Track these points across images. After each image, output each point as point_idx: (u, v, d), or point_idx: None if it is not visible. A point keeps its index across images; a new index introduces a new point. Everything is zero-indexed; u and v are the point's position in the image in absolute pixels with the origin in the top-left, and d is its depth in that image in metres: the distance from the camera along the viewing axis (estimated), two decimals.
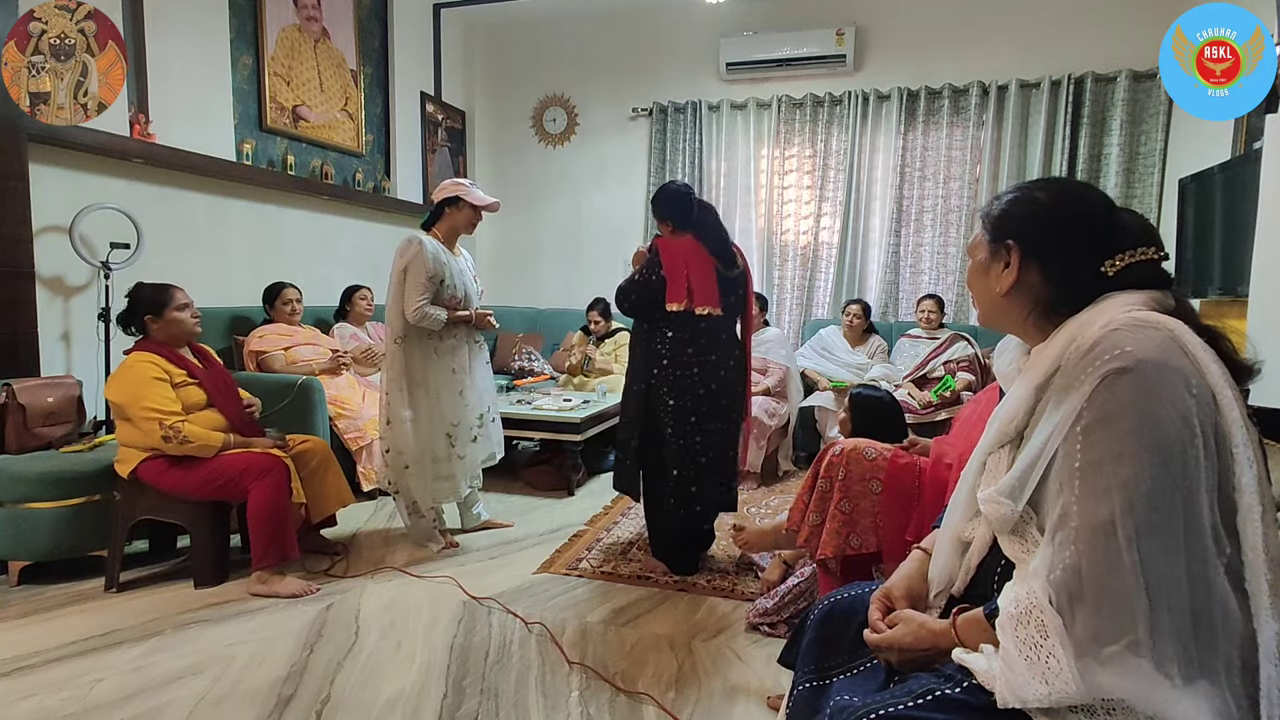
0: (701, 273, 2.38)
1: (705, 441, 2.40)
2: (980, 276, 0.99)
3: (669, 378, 2.39)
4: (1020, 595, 0.80)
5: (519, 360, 4.42)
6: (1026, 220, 0.94)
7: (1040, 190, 0.96)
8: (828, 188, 4.79)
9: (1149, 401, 0.75)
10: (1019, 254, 0.93)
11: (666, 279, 2.37)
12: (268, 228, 3.74)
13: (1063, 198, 0.95)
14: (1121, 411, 0.76)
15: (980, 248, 0.99)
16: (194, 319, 2.40)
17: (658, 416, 2.42)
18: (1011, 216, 0.95)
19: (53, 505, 2.31)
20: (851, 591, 1.13)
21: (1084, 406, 0.79)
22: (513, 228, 5.44)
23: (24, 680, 1.77)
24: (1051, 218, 0.93)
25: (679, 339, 2.39)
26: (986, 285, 0.97)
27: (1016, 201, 0.96)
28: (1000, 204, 0.98)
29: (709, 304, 2.37)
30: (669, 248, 2.41)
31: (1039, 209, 0.94)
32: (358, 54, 4.30)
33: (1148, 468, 0.74)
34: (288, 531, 2.30)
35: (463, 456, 2.71)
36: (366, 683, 1.78)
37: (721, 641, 2.02)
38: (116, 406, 2.26)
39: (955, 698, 0.83)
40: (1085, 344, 0.82)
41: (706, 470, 2.42)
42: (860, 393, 2.14)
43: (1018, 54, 4.37)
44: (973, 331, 4.25)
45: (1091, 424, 0.78)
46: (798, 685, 1.09)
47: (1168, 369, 0.76)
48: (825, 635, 1.09)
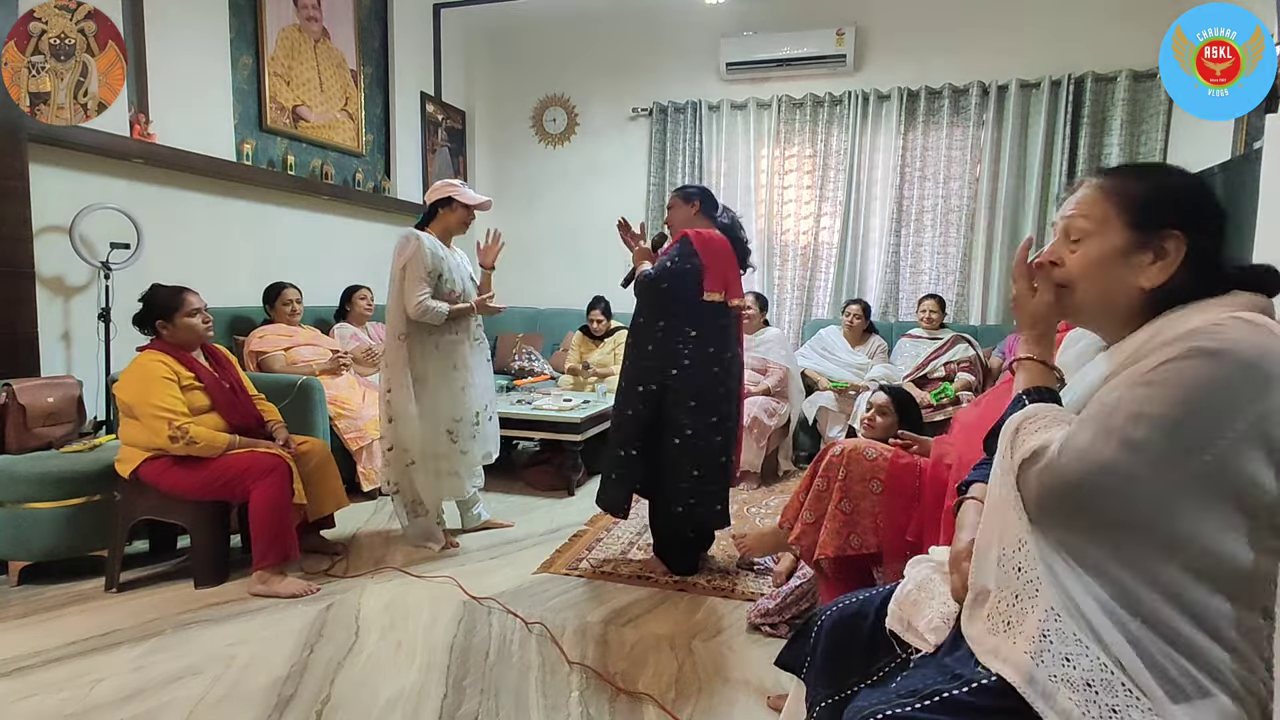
0: (731, 266, 2.41)
1: (725, 441, 2.42)
2: (1110, 267, 0.86)
3: (691, 376, 2.36)
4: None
5: (519, 360, 4.42)
6: (1189, 206, 0.85)
7: (1180, 176, 0.88)
8: (828, 188, 4.78)
9: (1212, 390, 0.74)
10: (1185, 246, 0.83)
11: (705, 267, 2.32)
12: (268, 228, 3.74)
13: (1205, 187, 0.87)
14: (1178, 383, 0.75)
15: (1109, 231, 0.87)
16: (205, 324, 2.42)
17: (675, 418, 2.37)
18: (1169, 203, 0.85)
19: (53, 505, 2.31)
20: (857, 596, 1.12)
21: (1152, 365, 0.78)
22: (513, 228, 5.40)
23: (24, 680, 1.77)
24: (1208, 205, 0.86)
25: (702, 337, 2.36)
26: (1122, 276, 0.86)
27: (1169, 186, 0.87)
28: (1148, 184, 0.87)
29: (739, 297, 2.42)
30: (703, 239, 2.36)
31: (1196, 194, 0.86)
32: (358, 54, 4.30)
33: (1159, 442, 0.74)
34: (289, 532, 2.30)
35: (465, 452, 2.73)
36: (366, 683, 1.78)
37: (721, 641, 2.02)
38: (125, 405, 2.27)
39: (962, 700, 0.83)
40: (1180, 330, 0.79)
41: (723, 469, 2.44)
42: (897, 388, 2.17)
43: (1018, 54, 4.37)
44: (973, 331, 4.26)
45: (1143, 380, 0.77)
46: (817, 705, 1.07)
47: (1256, 370, 0.73)
48: (835, 643, 1.08)
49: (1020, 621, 0.86)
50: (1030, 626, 0.84)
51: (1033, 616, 0.85)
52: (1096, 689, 0.78)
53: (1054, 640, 0.82)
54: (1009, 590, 0.88)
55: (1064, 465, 0.79)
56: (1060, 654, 0.81)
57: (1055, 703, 0.79)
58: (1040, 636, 0.83)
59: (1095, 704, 0.78)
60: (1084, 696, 0.78)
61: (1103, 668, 0.79)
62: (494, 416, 2.90)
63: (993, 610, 0.89)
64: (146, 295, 2.39)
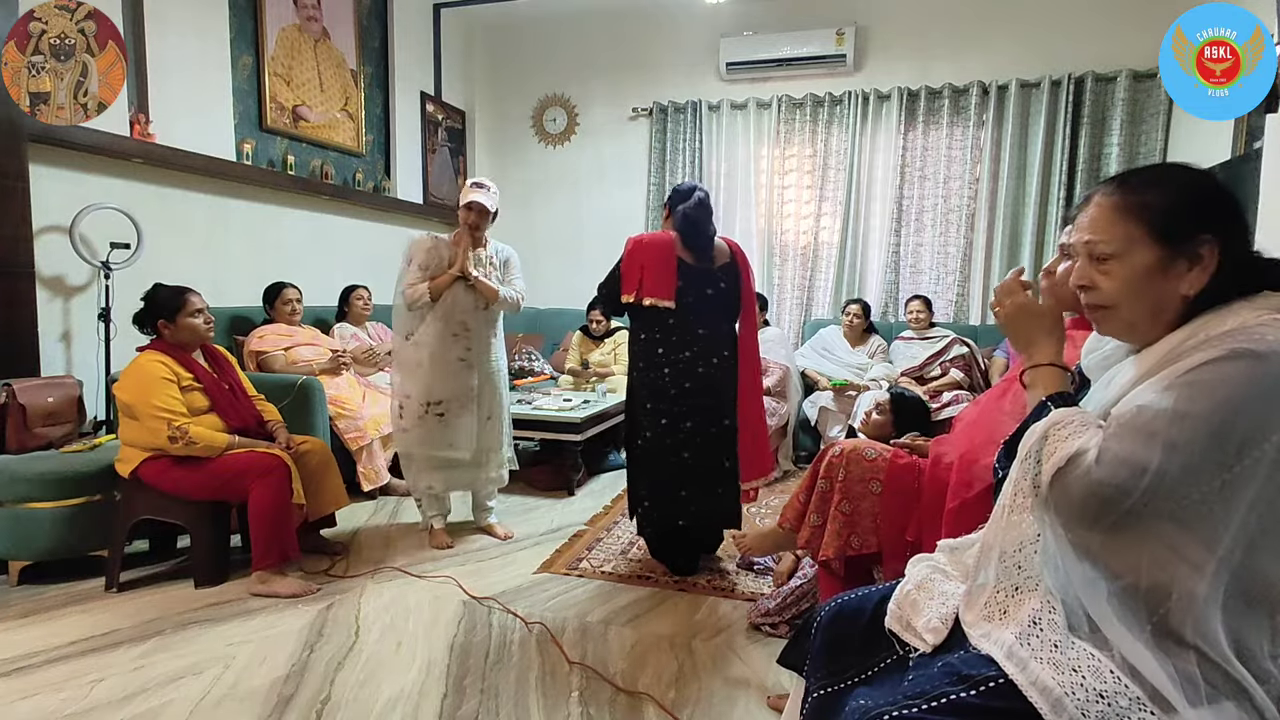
0: (659, 265, 2.34)
1: (676, 444, 2.36)
2: (1148, 281, 0.84)
3: (645, 380, 2.41)
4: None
5: (519, 360, 4.42)
6: (1213, 208, 0.84)
7: (1201, 175, 0.86)
8: (828, 188, 4.78)
9: (1259, 392, 0.73)
10: (1219, 249, 0.82)
11: (622, 272, 2.38)
12: (268, 228, 3.74)
13: (1215, 181, 0.86)
14: (1223, 383, 0.74)
15: (1140, 247, 0.85)
16: (206, 325, 2.42)
17: (637, 420, 2.45)
18: (1192, 205, 0.84)
19: (53, 505, 2.31)
20: (858, 592, 1.12)
21: (1193, 365, 0.76)
22: (512, 228, 5.42)
23: (24, 680, 1.77)
24: (1228, 201, 0.85)
25: (650, 339, 2.39)
26: (1164, 289, 0.84)
27: (1184, 189, 0.85)
28: (1166, 192, 0.85)
29: (657, 295, 2.32)
30: (634, 242, 2.41)
31: (1214, 193, 0.85)
32: (358, 54, 4.30)
33: (1204, 443, 0.73)
34: (288, 532, 2.30)
35: (452, 444, 2.73)
36: (366, 683, 1.78)
37: (721, 641, 2.02)
38: (125, 405, 2.27)
39: (970, 702, 0.83)
40: (1217, 331, 0.78)
41: (686, 474, 2.37)
42: (901, 393, 2.16)
43: (1018, 54, 4.37)
44: (972, 331, 4.27)
45: (1184, 381, 0.76)
46: (812, 693, 1.08)
47: None
48: (834, 637, 1.08)
49: (1016, 610, 0.89)
50: (1024, 614, 0.87)
51: (1028, 606, 0.88)
52: (1084, 675, 0.79)
53: (1044, 628, 0.84)
54: (1009, 583, 0.91)
55: (1106, 471, 0.77)
56: (1049, 640, 0.83)
57: (1029, 671, 0.81)
58: (1031, 623, 0.85)
59: (1083, 688, 0.78)
60: (1071, 680, 0.79)
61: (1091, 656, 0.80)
62: (506, 430, 2.91)
63: (990, 599, 0.92)
64: (148, 294, 2.39)
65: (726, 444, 2.43)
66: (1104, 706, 0.77)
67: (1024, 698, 0.80)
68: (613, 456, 4.00)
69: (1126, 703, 0.77)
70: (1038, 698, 0.79)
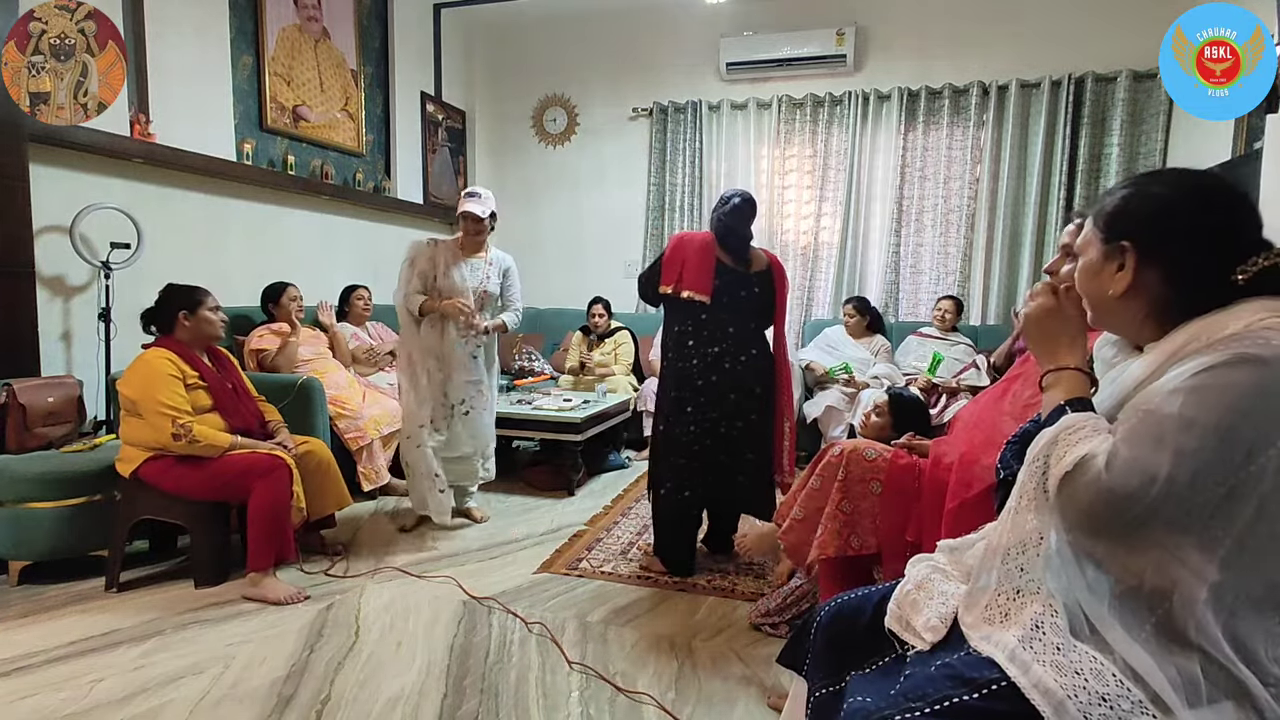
0: (699, 261, 2.42)
1: (700, 432, 2.41)
2: (1091, 277, 0.92)
3: (674, 369, 2.48)
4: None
5: (519, 360, 4.42)
6: (1145, 220, 0.87)
7: (1160, 184, 0.89)
8: (828, 188, 4.78)
9: (1264, 398, 0.73)
10: (1135, 256, 0.86)
11: (663, 265, 2.46)
12: (268, 228, 3.74)
13: (1187, 196, 0.86)
14: (1229, 388, 0.74)
15: (1091, 246, 0.92)
16: (221, 323, 2.47)
17: (664, 406, 2.52)
18: (1127, 214, 0.89)
19: (53, 505, 2.31)
20: (858, 592, 1.12)
21: (1198, 370, 0.76)
22: (513, 228, 5.42)
23: (24, 680, 1.77)
24: (1174, 218, 0.86)
25: (682, 332, 2.46)
26: (1098, 286, 0.91)
27: (1133, 198, 0.89)
28: (1114, 200, 0.91)
29: (695, 289, 2.40)
30: (678, 238, 2.52)
31: (1159, 207, 0.87)
32: (358, 54, 4.30)
33: (1213, 449, 0.73)
34: (286, 533, 2.30)
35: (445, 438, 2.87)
36: (366, 683, 1.78)
37: (721, 641, 2.02)
38: (128, 401, 2.27)
39: (972, 705, 0.83)
40: (1221, 335, 0.78)
41: (702, 462, 2.41)
42: (899, 393, 2.16)
43: (1018, 54, 4.37)
44: (973, 331, 4.28)
45: (1189, 386, 0.76)
46: (814, 693, 1.08)
47: None
48: (835, 635, 1.08)
49: (1017, 613, 0.88)
50: (1025, 617, 0.87)
51: (1030, 609, 0.87)
52: (1086, 678, 0.79)
53: (1047, 631, 0.84)
54: (1010, 585, 0.91)
55: (1116, 477, 0.76)
56: (1051, 643, 0.83)
57: (1032, 674, 0.80)
58: (1033, 626, 0.85)
59: (1086, 691, 0.78)
60: (1074, 683, 0.79)
61: (1093, 659, 0.80)
62: (484, 421, 2.96)
63: (991, 602, 0.92)
64: (166, 290, 2.42)
65: (749, 438, 2.47)
66: (1106, 709, 0.77)
67: (1026, 700, 0.80)
68: (613, 457, 4.00)
69: (1129, 706, 0.76)
70: (1040, 701, 0.79)
